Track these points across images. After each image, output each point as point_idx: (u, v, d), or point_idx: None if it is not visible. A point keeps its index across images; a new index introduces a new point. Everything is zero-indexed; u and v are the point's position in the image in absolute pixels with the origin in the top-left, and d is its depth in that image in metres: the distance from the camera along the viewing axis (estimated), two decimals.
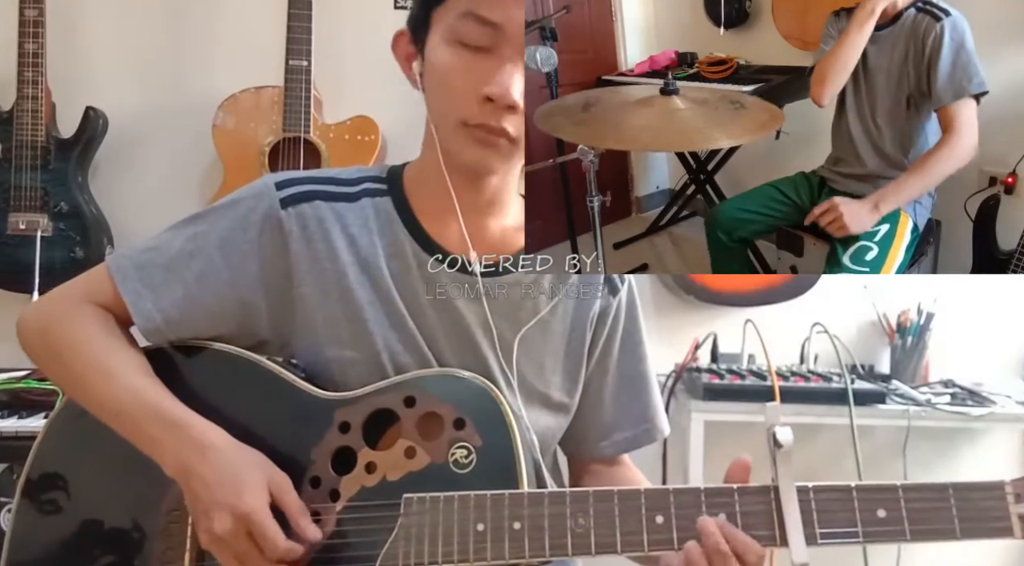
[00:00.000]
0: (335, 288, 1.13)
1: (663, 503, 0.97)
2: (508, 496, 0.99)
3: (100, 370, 1.09)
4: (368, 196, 1.18)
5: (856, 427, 2.33)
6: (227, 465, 1.01)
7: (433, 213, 1.17)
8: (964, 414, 2.40)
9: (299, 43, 2.45)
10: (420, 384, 1.08)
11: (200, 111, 2.53)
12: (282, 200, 1.14)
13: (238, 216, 1.15)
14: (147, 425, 1.05)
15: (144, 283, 1.13)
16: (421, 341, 1.14)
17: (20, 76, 2.41)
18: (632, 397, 1.29)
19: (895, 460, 2.64)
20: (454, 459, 1.03)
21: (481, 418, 1.04)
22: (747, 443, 2.64)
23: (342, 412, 1.07)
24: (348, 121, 2.53)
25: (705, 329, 2.66)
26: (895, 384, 2.59)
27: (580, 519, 0.97)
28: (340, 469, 1.06)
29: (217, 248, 1.13)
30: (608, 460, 1.31)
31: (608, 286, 1.25)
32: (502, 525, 0.98)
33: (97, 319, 1.13)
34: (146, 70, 2.67)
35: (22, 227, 2.43)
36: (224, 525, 0.97)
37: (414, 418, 1.05)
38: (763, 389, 2.34)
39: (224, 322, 1.14)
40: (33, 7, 2.40)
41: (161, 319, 1.12)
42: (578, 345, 1.23)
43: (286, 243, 1.13)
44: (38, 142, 2.44)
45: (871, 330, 2.83)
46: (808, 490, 0.95)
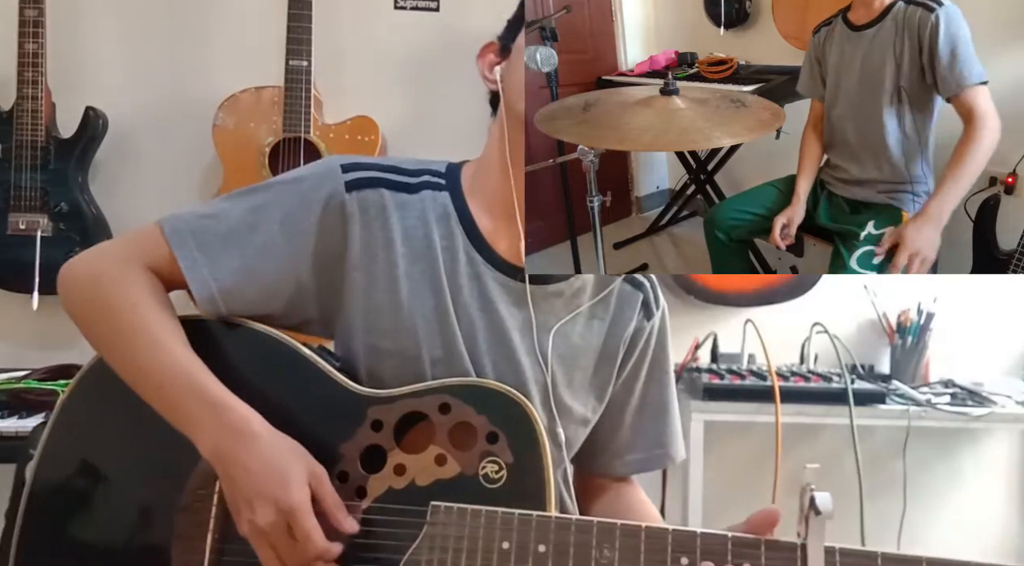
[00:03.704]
0: (385, 277, 1.13)
1: (690, 546, 0.96)
2: (536, 518, 0.99)
3: (149, 338, 1.07)
4: (428, 188, 1.18)
5: (856, 427, 2.35)
6: (271, 455, 1.00)
7: (489, 213, 1.18)
8: (964, 414, 2.41)
9: (299, 43, 2.46)
10: (457, 392, 1.07)
11: (200, 111, 2.54)
12: (347, 183, 1.14)
13: (302, 193, 1.15)
14: (188, 402, 1.04)
15: (202, 250, 1.12)
16: (460, 338, 1.14)
17: (20, 76, 2.42)
18: (652, 422, 1.30)
19: (895, 460, 2.67)
20: (484, 473, 1.03)
21: (515, 435, 1.04)
22: (747, 443, 2.70)
23: (376, 410, 1.07)
24: (348, 121, 2.55)
25: (705, 329, 2.67)
26: (895, 384, 2.61)
27: (605, 551, 0.97)
28: (369, 467, 1.05)
29: (279, 222, 1.13)
30: (617, 479, 1.32)
31: (644, 310, 1.26)
32: (527, 546, 0.98)
33: (150, 285, 1.11)
34: (146, 70, 2.68)
35: (22, 227, 2.44)
36: (267, 517, 0.97)
37: (447, 426, 1.05)
38: (763, 389, 2.36)
39: (276, 298, 1.14)
40: (33, 7, 2.41)
41: (217, 288, 1.11)
42: (608, 363, 1.24)
43: (346, 226, 1.13)
44: (38, 142, 2.45)
45: (871, 330, 2.84)
46: (835, 552, 0.94)
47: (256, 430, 1.02)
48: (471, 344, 1.14)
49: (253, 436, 1.01)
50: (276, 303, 1.14)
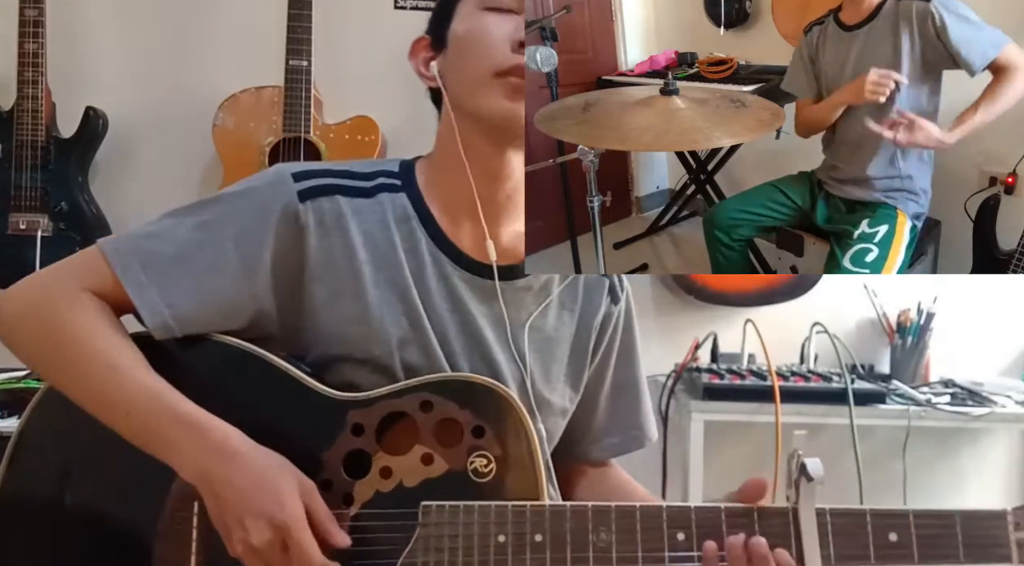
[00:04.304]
0: (350, 287, 1.10)
1: (684, 520, 0.98)
2: (530, 508, 0.99)
3: (104, 363, 1.02)
4: (385, 191, 1.16)
5: (856, 427, 2.35)
6: (258, 471, 0.97)
7: (448, 210, 1.16)
8: (964, 414, 2.42)
9: (299, 43, 2.47)
10: (437, 388, 1.05)
11: (200, 111, 2.55)
12: (300, 192, 1.10)
13: (254, 206, 1.10)
14: (161, 426, 0.99)
15: (148, 274, 1.06)
16: (434, 340, 1.12)
17: (20, 76, 2.43)
18: (625, 403, 1.31)
19: (895, 460, 2.66)
20: (473, 468, 1.02)
21: (501, 427, 1.03)
22: (747, 443, 2.70)
23: (355, 414, 1.04)
24: (348, 121, 2.56)
25: (705, 329, 2.67)
26: (895, 384, 2.61)
27: (603, 534, 0.98)
28: (353, 472, 1.03)
29: (231, 239, 1.08)
30: (597, 463, 1.32)
31: (611, 295, 1.27)
32: (523, 537, 0.98)
33: (98, 309, 1.06)
34: (146, 70, 2.69)
35: (22, 227, 2.45)
36: (262, 535, 0.94)
37: (431, 423, 1.03)
38: (763, 389, 2.36)
39: (235, 318, 1.09)
40: (33, 7, 2.42)
41: (170, 314, 1.05)
42: (581, 352, 1.24)
43: (302, 238, 1.09)
44: (38, 142, 2.45)
45: (871, 330, 2.85)
46: (825, 513, 0.98)
47: (238, 447, 0.98)
48: (445, 346, 1.13)
49: (236, 453, 0.98)
50: (236, 322, 1.09)
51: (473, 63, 1.10)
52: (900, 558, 0.98)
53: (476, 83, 1.09)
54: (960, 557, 0.97)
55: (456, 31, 1.13)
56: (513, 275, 1.17)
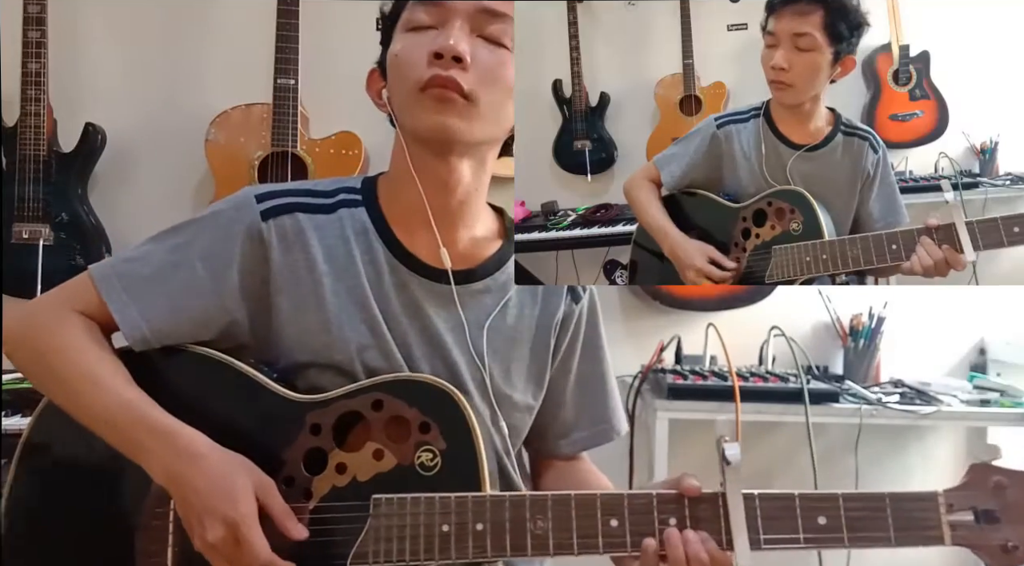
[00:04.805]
0: (311, 298, 1.14)
1: (617, 508, 1.00)
2: (471, 499, 1.01)
3: (89, 379, 1.09)
4: (345, 207, 1.19)
5: (811, 425, 2.39)
6: (217, 472, 1.02)
7: (404, 221, 1.18)
8: (913, 412, 2.46)
9: (286, 62, 2.50)
10: (388, 388, 1.08)
11: (193, 127, 2.57)
12: (263, 212, 1.15)
13: (219, 228, 1.15)
14: (135, 434, 1.05)
15: (129, 293, 1.13)
16: (394, 347, 1.14)
17: (23, 94, 2.46)
18: (591, 398, 1.31)
19: (848, 456, 2.70)
20: (420, 462, 1.04)
21: (446, 422, 1.05)
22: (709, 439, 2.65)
23: (313, 414, 1.08)
24: (333, 136, 2.57)
25: (670, 332, 2.72)
26: (848, 384, 2.66)
27: (539, 522, 1.00)
28: (312, 469, 1.07)
29: (200, 259, 1.14)
30: (567, 457, 1.33)
31: (571, 294, 1.28)
32: (466, 526, 1.00)
33: (83, 327, 1.13)
34: (142, 89, 2.71)
35: (25, 236, 2.46)
36: (216, 533, 0.99)
37: (382, 421, 1.06)
38: (724, 389, 2.40)
39: (208, 329, 1.14)
40: (36, 29, 2.44)
41: (147, 328, 1.12)
42: (542, 350, 1.25)
43: (266, 254, 1.14)
44: (40, 156, 2.48)
45: (825, 333, 2.89)
46: (754, 497, 0.99)
47: (201, 450, 1.03)
48: (406, 351, 1.15)
49: (199, 456, 1.03)
50: (208, 334, 1.15)
51: (402, 82, 1.11)
52: (831, 541, 0.98)
53: (407, 101, 1.11)
54: (892, 540, 0.97)
55: (389, 56, 1.15)
56: (471, 279, 1.19)
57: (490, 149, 1.19)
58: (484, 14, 1.10)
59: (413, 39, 1.11)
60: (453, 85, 1.07)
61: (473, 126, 1.11)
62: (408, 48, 1.11)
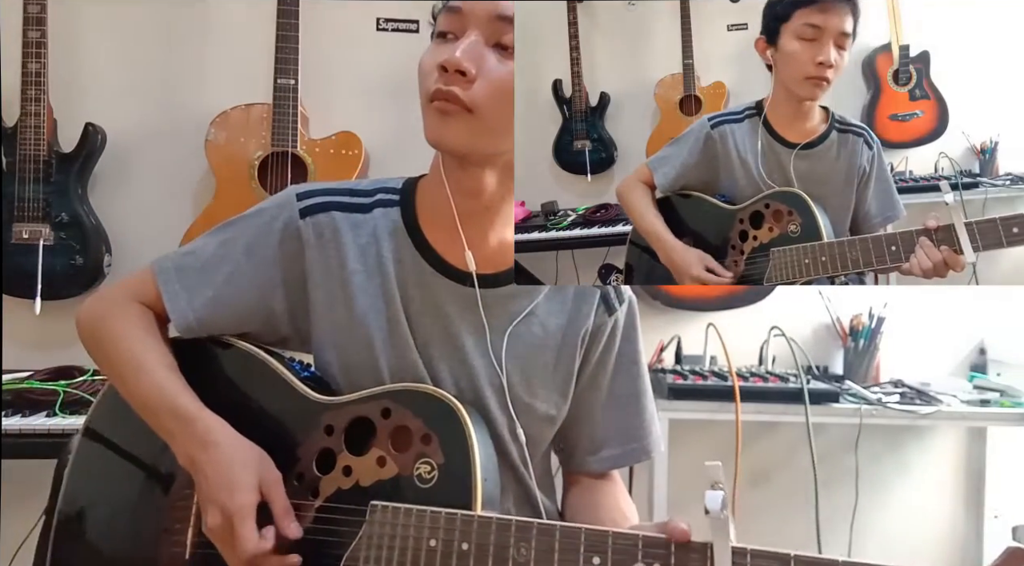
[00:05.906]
0: (341, 294, 1.17)
1: (601, 545, 0.95)
2: (460, 517, 1.00)
3: (134, 365, 1.16)
4: (381, 207, 1.21)
5: (811, 425, 2.41)
6: (226, 462, 1.06)
7: (435, 223, 1.19)
8: (912, 412, 2.48)
9: (286, 63, 2.51)
10: (396, 397, 1.09)
11: (193, 127, 2.59)
12: (301, 210, 1.19)
13: (262, 224, 1.20)
14: (165, 418, 1.12)
15: (182, 284, 1.20)
16: (413, 347, 1.16)
17: (24, 94, 2.46)
18: (624, 416, 1.27)
19: (848, 456, 2.72)
20: (418, 473, 1.05)
21: (446, 436, 1.05)
22: (709, 439, 2.73)
23: (328, 415, 1.12)
24: (333, 136, 2.58)
25: (670, 332, 2.74)
26: (848, 384, 2.67)
27: (522, 549, 0.97)
28: (323, 469, 1.10)
29: (243, 254, 1.19)
30: (596, 474, 1.29)
31: (604, 304, 1.24)
32: (452, 544, 0.99)
33: (138, 317, 1.20)
34: (142, 89, 2.71)
35: (25, 236, 2.47)
36: (215, 520, 1.04)
37: (389, 429, 1.08)
38: (724, 389, 2.41)
39: (250, 320, 1.21)
40: (36, 29, 2.44)
41: (194, 317, 1.19)
42: (568, 360, 1.22)
43: (303, 250, 1.18)
44: (40, 156, 2.48)
45: (825, 333, 2.91)
46: (745, 553, 0.89)
47: (215, 438, 1.08)
48: (425, 351, 1.16)
49: (212, 444, 1.07)
50: (251, 325, 1.21)
51: (420, 92, 1.12)
52: None
53: (422, 110, 1.11)
54: None
55: None
56: (497, 283, 1.19)
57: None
58: (501, 21, 1.08)
59: (434, 48, 1.11)
60: (453, 99, 1.06)
61: (477, 139, 1.10)
62: (427, 58, 1.11)
